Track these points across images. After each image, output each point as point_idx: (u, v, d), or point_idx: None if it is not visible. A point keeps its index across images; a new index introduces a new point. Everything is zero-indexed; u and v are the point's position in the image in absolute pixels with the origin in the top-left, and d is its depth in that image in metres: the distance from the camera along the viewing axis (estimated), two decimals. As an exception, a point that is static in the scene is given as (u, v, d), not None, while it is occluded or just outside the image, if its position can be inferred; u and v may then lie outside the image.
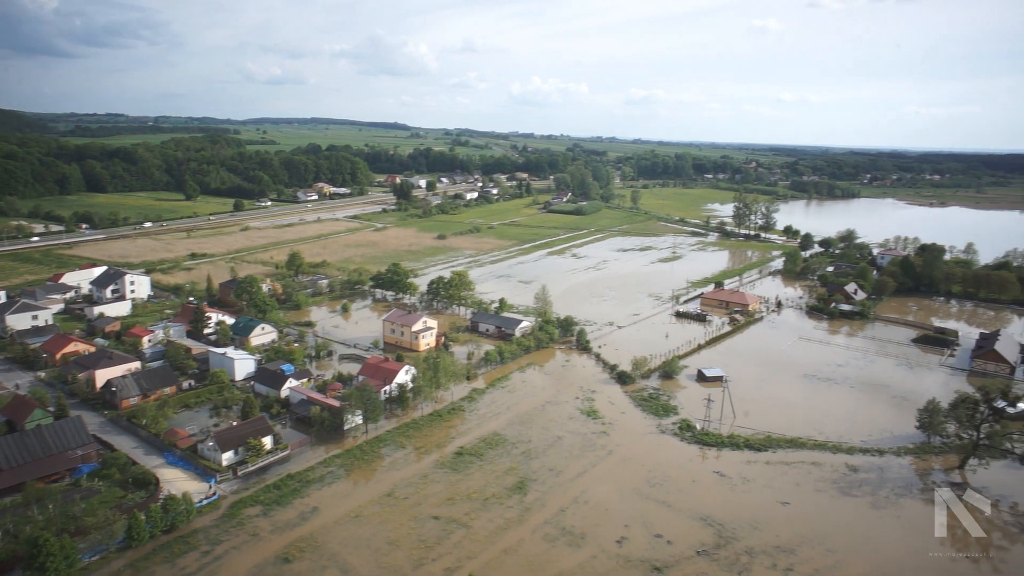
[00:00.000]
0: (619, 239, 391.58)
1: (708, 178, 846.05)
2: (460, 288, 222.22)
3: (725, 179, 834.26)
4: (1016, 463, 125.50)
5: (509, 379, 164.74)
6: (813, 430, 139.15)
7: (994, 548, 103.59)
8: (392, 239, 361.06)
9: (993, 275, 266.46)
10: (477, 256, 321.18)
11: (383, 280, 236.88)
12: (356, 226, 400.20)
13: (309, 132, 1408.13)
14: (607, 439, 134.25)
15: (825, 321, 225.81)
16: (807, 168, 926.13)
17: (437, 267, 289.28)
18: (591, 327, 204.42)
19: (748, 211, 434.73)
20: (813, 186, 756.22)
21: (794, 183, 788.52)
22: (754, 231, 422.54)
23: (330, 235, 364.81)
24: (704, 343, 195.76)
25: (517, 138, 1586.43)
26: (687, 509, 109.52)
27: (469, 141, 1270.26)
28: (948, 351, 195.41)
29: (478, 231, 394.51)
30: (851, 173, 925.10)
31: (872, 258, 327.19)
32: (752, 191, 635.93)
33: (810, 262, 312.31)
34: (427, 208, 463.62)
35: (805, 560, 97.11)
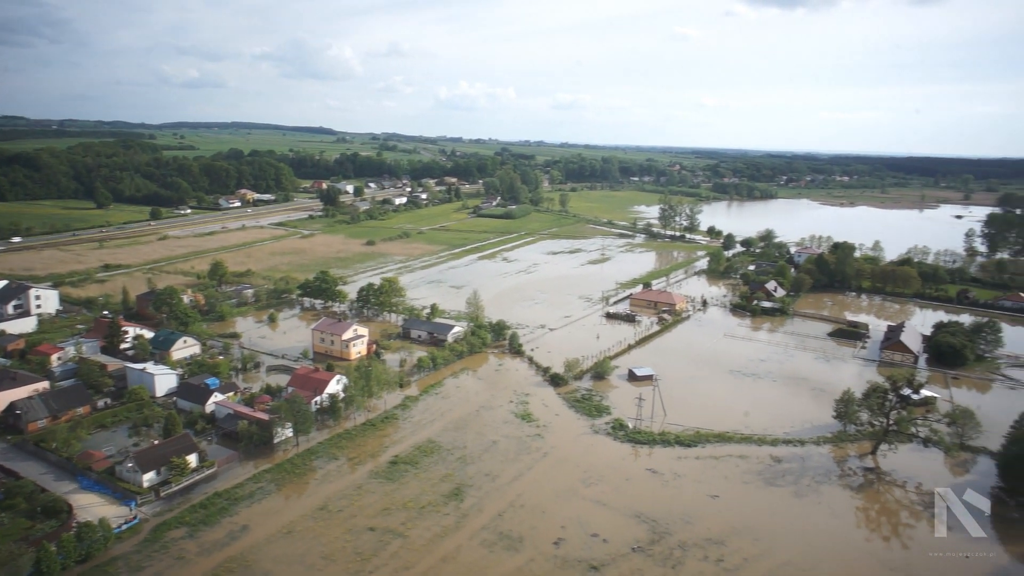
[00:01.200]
0: (549, 242, 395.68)
1: (634, 181, 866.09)
2: (391, 295, 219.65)
3: (650, 182, 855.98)
4: (920, 445, 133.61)
5: (443, 385, 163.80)
6: (740, 424, 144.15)
7: (902, 526, 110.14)
8: (320, 246, 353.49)
9: (898, 271, 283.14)
10: (407, 262, 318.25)
11: (311, 288, 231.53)
12: (282, 233, 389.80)
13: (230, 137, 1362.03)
14: (542, 441, 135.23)
15: (748, 318, 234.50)
16: (728, 171, 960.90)
17: (367, 274, 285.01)
18: (523, 330, 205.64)
19: (673, 213, 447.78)
20: (734, 188, 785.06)
21: (716, 185, 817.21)
22: (679, 232, 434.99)
23: (255, 243, 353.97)
24: (634, 343, 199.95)
25: (446, 142, 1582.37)
26: (622, 507, 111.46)
27: (397, 146, 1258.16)
28: (860, 343, 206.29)
29: (408, 236, 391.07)
30: (768, 175, 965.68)
31: (790, 256, 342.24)
32: (676, 193, 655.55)
33: (733, 261, 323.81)
34: (355, 214, 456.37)
35: (735, 550, 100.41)
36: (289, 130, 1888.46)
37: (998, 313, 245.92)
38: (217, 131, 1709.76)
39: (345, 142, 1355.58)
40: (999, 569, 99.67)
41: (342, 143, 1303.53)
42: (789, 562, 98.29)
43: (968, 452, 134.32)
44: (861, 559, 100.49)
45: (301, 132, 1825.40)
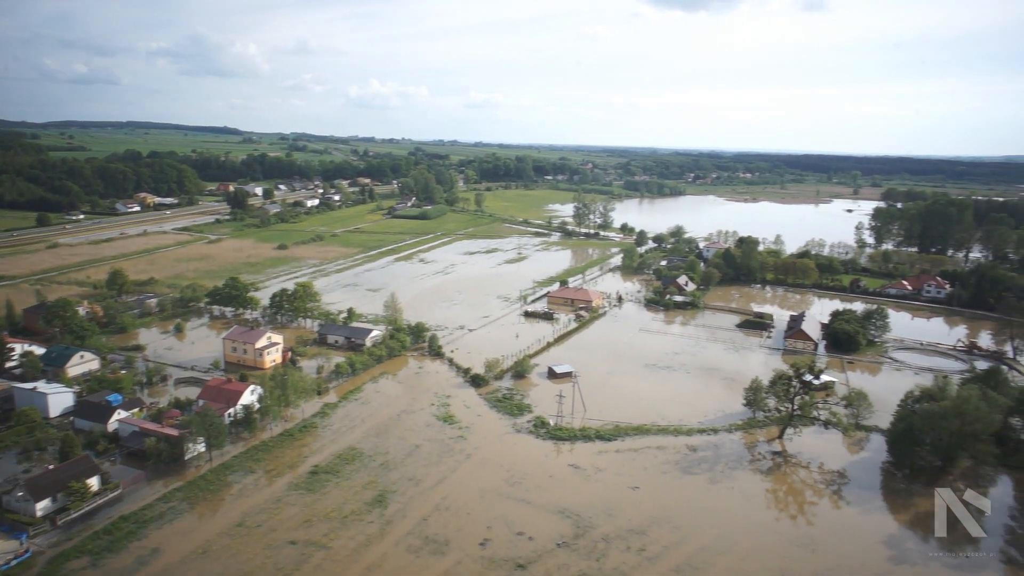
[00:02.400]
0: (465, 242, 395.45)
1: (548, 179, 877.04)
2: (305, 300, 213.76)
3: (564, 180, 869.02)
4: (821, 428, 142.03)
5: (362, 391, 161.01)
6: (656, 416, 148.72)
7: (807, 504, 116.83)
8: (228, 251, 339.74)
9: (798, 263, 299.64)
10: (322, 265, 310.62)
11: (221, 295, 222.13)
12: (187, 239, 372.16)
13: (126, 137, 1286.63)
14: (465, 443, 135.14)
15: (661, 312, 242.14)
16: (638, 168, 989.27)
17: (279, 279, 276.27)
18: (443, 332, 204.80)
19: (587, 211, 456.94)
20: (644, 185, 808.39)
21: (627, 183, 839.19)
22: (594, 230, 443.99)
23: (157, 249, 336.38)
24: (553, 341, 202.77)
25: (358, 142, 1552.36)
26: (546, 504, 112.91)
27: (307, 146, 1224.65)
28: (766, 333, 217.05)
29: (321, 239, 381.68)
30: (677, 172, 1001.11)
31: (699, 251, 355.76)
32: (590, 191, 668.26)
33: (645, 257, 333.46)
34: (265, 217, 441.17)
35: (655, 539, 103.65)
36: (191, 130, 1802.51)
37: (885, 300, 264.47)
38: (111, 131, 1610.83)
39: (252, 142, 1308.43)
40: (889, 537, 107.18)
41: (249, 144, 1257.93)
42: (706, 547, 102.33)
43: (863, 431, 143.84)
44: (771, 538, 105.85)
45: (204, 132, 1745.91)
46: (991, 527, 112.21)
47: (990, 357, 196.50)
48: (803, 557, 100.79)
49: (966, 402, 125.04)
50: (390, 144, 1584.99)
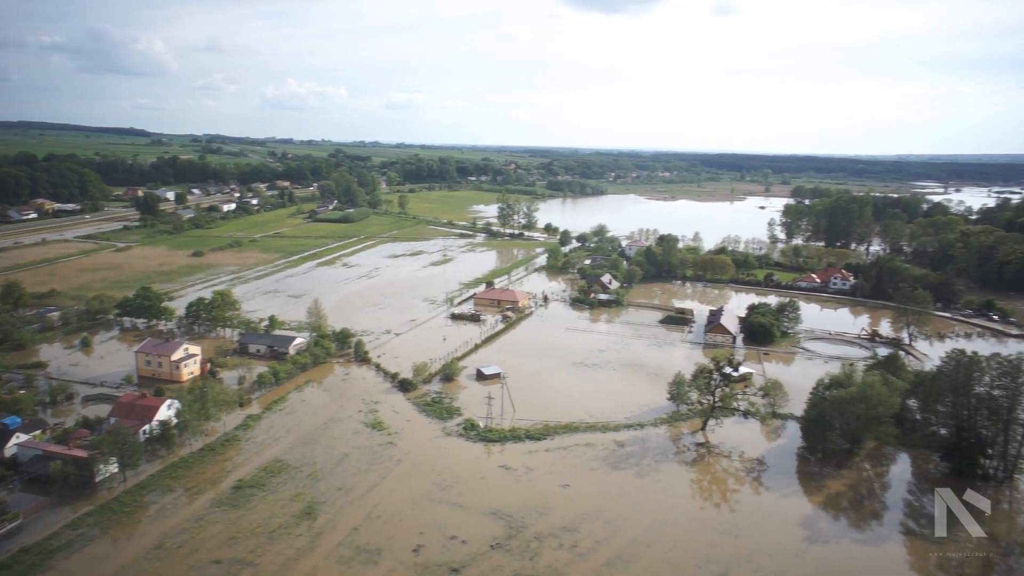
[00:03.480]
0: (390, 245, 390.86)
1: (472, 180, 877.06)
2: (224, 308, 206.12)
3: (488, 181, 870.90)
4: (741, 418, 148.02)
5: (287, 400, 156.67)
6: (584, 414, 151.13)
7: (729, 492, 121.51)
8: (139, 259, 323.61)
9: (715, 259, 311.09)
10: (241, 272, 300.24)
11: (132, 306, 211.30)
12: (92, 247, 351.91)
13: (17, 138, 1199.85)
14: (395, 449, 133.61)
15: (587, 311, 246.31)
16: (561, 168, 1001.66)
17: (196, 287, 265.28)
18: (369, 337, 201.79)
19: (511, 211, 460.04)
20: (567, 185, 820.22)
21: (550, 183, 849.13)
22: (518, 230, 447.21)
23: (59, 259, 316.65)
24: (480, 342, 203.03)
25: (275, 144, 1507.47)
26: (478, 506, 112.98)
27: (222, 148, 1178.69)
28: (687, 328, 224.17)
29: (239, 245, 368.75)
30: (599, 172, 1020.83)
31: (622, 250, 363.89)
32: (514, 192, 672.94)
33: (570, 257, 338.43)
34: (178, 223, 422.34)
35: (587, 535, 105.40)
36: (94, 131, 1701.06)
37: (796, 293, 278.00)
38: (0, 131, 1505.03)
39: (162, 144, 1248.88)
40: (804, 518, 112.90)
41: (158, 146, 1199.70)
42: (636, 539, 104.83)
43: (779, 419, 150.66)
44: (696, 526, 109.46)
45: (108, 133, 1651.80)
46: (892, 501, 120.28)
47: (890, 344, 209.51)
48: (727, 543, 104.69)
49: (870, 387, 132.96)
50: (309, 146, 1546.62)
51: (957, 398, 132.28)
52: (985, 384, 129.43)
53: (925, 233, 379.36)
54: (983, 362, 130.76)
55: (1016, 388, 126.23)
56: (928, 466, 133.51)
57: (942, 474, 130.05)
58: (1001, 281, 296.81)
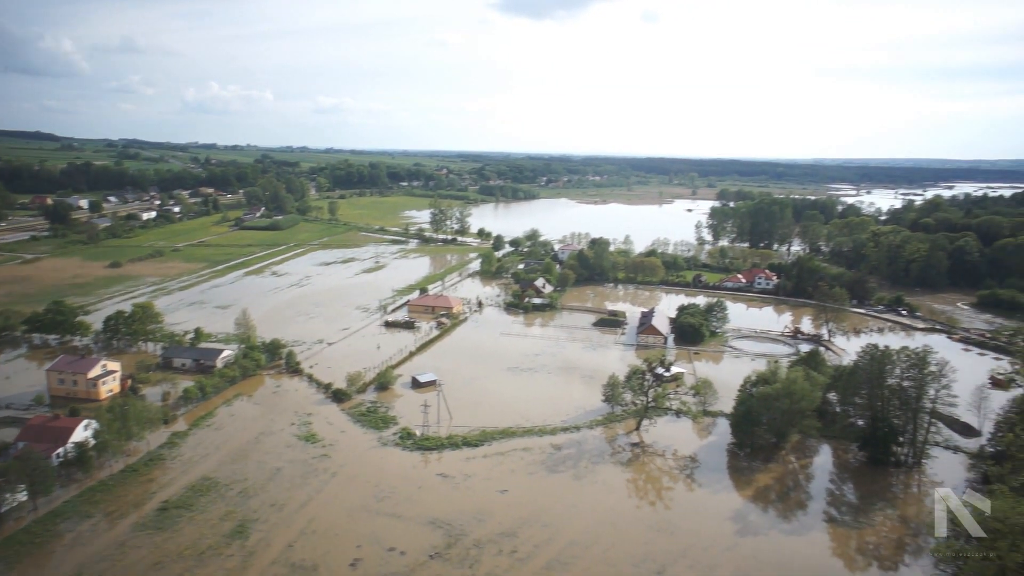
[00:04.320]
0: (321, 252, 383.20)
1: (403, 186, 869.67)
2: (145, 321, 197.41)
3: (419, 186, 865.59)
4: (674, 417, 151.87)
5: (215, 415, 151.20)
6: (521, 418, 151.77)
7: (664, 490, 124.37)
8: (49, 272, 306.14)
9: (646, 261, 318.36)
10: (163, 283, 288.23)
11: (42, 322, 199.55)
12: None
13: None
14: (329, 461, 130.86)
15: (521, 315, 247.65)
16: (493, 173, 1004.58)
17: (115, 300, 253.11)
18: (300, 347, 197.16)
19: (444, 217, 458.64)
20: (499, 190, 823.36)
21: (482, 187, 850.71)
22: (451, 235, 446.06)
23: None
24: (415, 350, 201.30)
25: (198, 149, 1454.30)
26: (416, 516, 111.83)
27: (140, 154, 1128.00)
28: (620, 330, 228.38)
29: (161, 255, 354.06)
30: (530, 176, 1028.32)
31: (555, 254, 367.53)
32: (446, 197, 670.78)
33: (503, 261, 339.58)
34: (93, 233, 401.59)
35: (526, 540, 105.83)
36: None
37: (723, 293, 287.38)
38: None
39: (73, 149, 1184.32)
40: (735, 512, 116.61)
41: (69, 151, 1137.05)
42: (574, 541, 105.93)
43: (710, 416, 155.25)
44: (633, 525, 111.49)
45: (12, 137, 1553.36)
46: (816, 491, 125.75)
47: (811, 340, 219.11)
48: (662, 540, 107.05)
49: (793, 383, 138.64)
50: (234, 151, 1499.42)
51: (872, 390, 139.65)
52: (896, 376, 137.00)
53: (840, 233, 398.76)
54: (894, 355, 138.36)
55: (922, 379, 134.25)
56: (847, 456, 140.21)
57: (860, 463, 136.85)
58: (908, 278, 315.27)
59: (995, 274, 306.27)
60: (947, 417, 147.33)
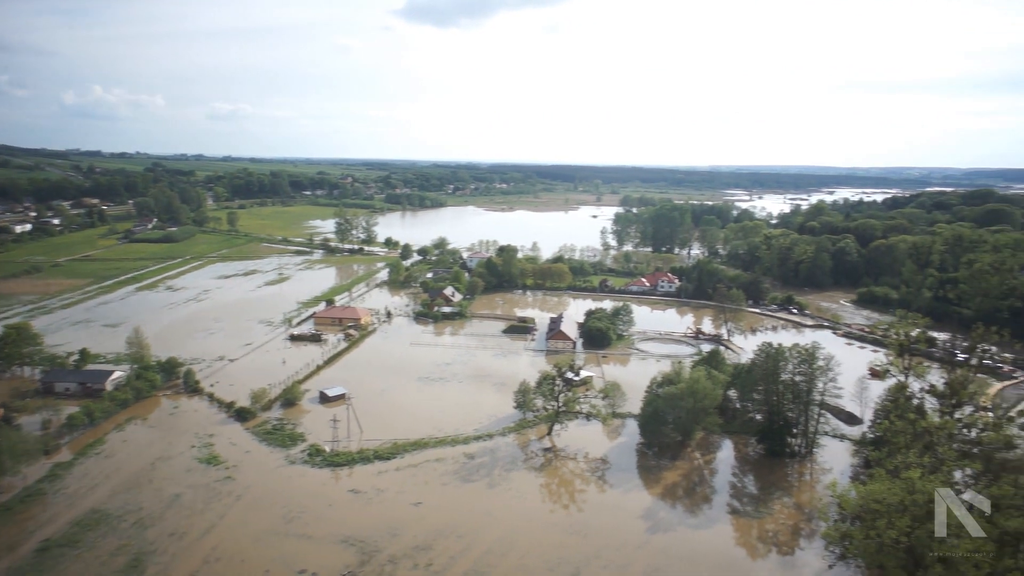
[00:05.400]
0: (220, 265, 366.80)
1: (307, 195, 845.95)
2: (20, 344, 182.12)
3: (324, 195, 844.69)
4: (584, 420, 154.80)
5: (104, 442, 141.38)
6: (434, 429, 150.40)
7: (576, 492, 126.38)
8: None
9: (553, 267, 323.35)
10: (42, 301, 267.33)
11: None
12: None
13: None
14: (234, 484, 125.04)
15: (431, 325, 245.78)
16: (399, 181, 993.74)
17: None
18: (200, 365, 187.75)
19: (350, 226, 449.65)
20: (406, 198, 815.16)
21: (389, 196, 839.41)
22: (358, 245, 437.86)
23: None
24: (323, 363, 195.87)
25: (79, 157, 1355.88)
26: (328, 535, 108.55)
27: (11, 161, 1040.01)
28: (530, 336, 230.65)
29: (39, 271, 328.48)
30: (437, 184, 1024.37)
31: (463, 262, 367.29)
32: (351, 206, 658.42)
33: (412, 270, 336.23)
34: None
35: (441, 552, 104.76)
36: None
37: (629, 297, 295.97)
38: None
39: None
40: (646, 511, 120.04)
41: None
42: (490, 550, 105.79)
43: (619, 418, 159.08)
44: (548, 530, 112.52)
45: None
46: (720, 485, 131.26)
47: (712, 340, 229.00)
48: (576, 543, 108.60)
49: (696, 382, 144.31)
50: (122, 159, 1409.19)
51: (767, 386, 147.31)
52: (789, 372, 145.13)
53: (736, 237, 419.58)
54: (786, 352, 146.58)
55: (812, 373, 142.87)
56: (747, 449, 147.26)
57: (758, 455, 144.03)
58: (797, 278, 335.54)
59: (871, 273, 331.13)
60: (834, 407, 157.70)
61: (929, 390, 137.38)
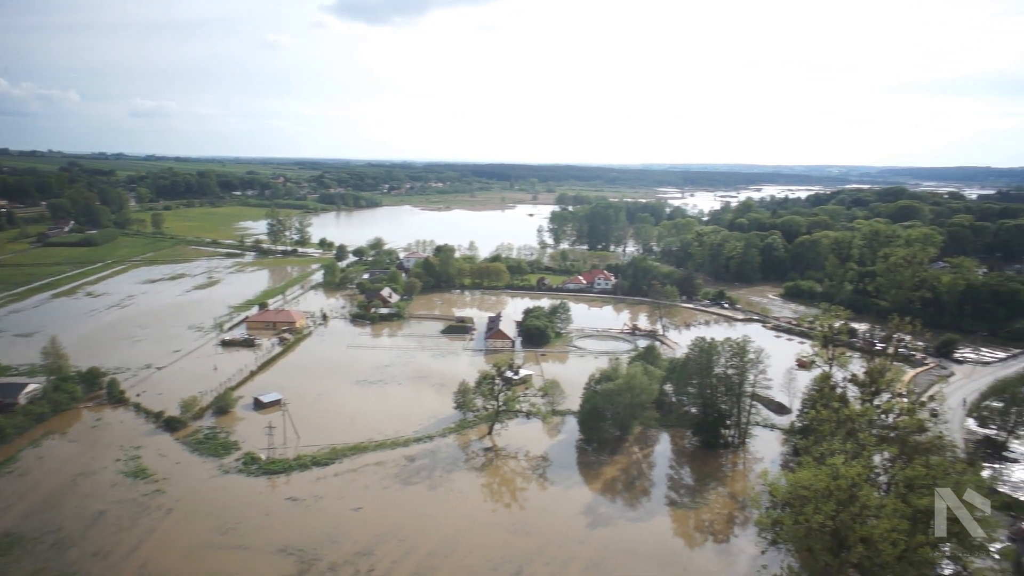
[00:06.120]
0: (145, 269, 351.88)
1: (237, 195, 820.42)
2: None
3: (255, 195, 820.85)
4: (524, 419, 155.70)
5: (18, 460, 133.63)
6: (373, 432, 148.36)
7: (518, 491, 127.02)
8: None
9: (491, 267, 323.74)
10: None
11: None
12: None
13: None
14: (164, 497, 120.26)
15: (368, 326, 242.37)
16: (333, 181, 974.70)
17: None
18: (124, 375, 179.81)
19: (282, 227, 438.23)
20: (340, 198, 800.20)
21: (322, 196, 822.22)
22: (291, 246, 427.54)
23: None
24: (257, 369, 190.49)
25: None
26: (265, 545, 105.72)
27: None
28: (468, 336, 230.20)
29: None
30: (372, 184, 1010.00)
31: (400, 262, 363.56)
32: (284, 206, 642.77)
33: (348, 272, 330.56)
34: None
35: (383, 557, 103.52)
36: None
37: (566, 294, 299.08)
38: None
39: None
40: (586, 506, 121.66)
41: None
42: (432, 552, 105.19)
43: (559, 416, 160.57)
44: (490, 530, 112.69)
45: None
46: (657, 478, 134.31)
47: (647, 335, 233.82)
48: (519, 542, 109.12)
49: (633, 378, 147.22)
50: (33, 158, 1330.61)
51: (702, 379, 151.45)
52: (722, 365, 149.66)
53: (669, 234, 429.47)
54: (719, 346, 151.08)
55: (743, 366, 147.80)
56: (684, 442, 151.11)
57: (694, 447, 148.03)
58: (728, 274, 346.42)
59: (797, 267, 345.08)
60: (764, 398, 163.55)
61: (851, 379, 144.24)
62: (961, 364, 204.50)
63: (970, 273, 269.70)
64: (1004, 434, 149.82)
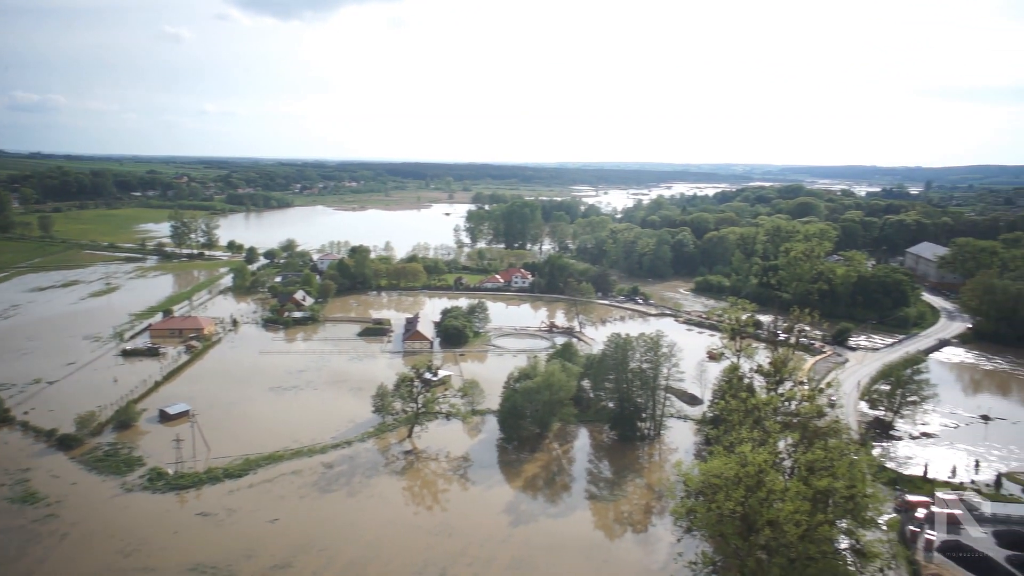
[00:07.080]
0: (32, 276, 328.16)
1: (136, 196, 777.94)
2: None
3: (156, 196, 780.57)
4: (444, 420, 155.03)
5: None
6: (289, 440, 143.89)
7: (440, 492, 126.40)
8: None
9: (407, 267, 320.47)
10: None
11: None
12: None
13: None
14: (58, 521, 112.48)
15: (282, 331, 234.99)
16: (241, 181, 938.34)
17: None
18: (10, 391, 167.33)
19: (187, 229, 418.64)
20: (249, 198, 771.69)
21: (230, 196, 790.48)
22: (197, 249, 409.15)
23: None
24: (162, 379, 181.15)
25: None
26: (174, 565, 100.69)
27: None
28: (386, 338, 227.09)
29: None
30: (283, 184, 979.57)
31: (314, 264, 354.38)
32: (188, 207, 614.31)
33: (259, 275, 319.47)
34: None
35: (302, 568, 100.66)
36: None
37: (484, 293, 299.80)
38: None
39: None
40: (508, 504, 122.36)
41: None
42: (353, 560, 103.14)
43: (479, 415, 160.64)
44: (413, 533, 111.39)
45: None
46: (577, 473, 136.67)
47: (565, 332, 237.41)
48: (442, 543, 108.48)
49: (552, 375, 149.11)
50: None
51: (618, 374, 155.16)
52: (637, 360, 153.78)
53: (584, 232, 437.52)
54: (634, 341, 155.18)
55: (657, 360, 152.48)
56: (602, 436, 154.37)
57: (612, 441, 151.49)
58: (642, 270, 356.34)
59: (706, 262, 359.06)
60: (678, 391, 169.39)
61: (757, 369, 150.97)
62: (854, 351, 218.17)
63: (861, 266, 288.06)
64: (891, 414, 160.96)
